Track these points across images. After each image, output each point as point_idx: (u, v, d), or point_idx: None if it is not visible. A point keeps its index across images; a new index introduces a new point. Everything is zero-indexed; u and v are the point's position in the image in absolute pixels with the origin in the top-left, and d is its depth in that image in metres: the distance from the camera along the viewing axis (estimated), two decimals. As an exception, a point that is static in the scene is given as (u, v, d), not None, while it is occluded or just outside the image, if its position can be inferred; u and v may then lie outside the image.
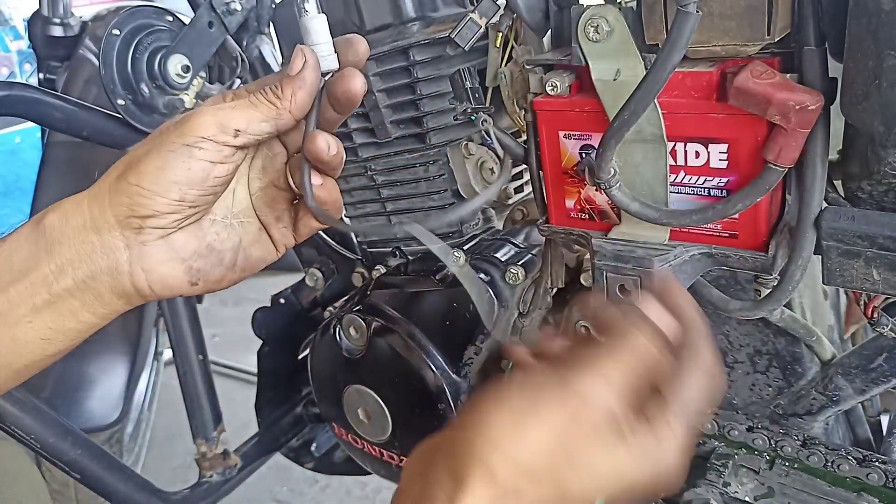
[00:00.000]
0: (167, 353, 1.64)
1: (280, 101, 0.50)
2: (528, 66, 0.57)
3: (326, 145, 0.51)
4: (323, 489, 1.96)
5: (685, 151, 0.52)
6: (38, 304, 0.50)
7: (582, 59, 0.51)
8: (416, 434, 0.83)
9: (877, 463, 0.58)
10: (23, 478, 0.84)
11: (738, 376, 0.67)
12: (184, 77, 0.96)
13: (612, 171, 0.52)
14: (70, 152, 1.32)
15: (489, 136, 0.62)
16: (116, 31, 0.93)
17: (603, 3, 0.50)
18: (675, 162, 0.52)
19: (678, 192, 0.53)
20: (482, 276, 0.82)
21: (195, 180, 0.50)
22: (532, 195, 0.75)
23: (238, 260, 0.56)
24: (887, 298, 0.55)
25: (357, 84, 0.51)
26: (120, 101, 0.94)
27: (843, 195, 0.52)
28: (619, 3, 0.49)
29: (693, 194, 0.53)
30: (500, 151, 0.63)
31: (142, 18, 0.96)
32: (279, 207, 0.57)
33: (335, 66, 0.51)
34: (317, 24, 0.50)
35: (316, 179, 0.53)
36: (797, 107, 0.44)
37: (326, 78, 0.51)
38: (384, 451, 0.88)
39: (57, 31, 1.31)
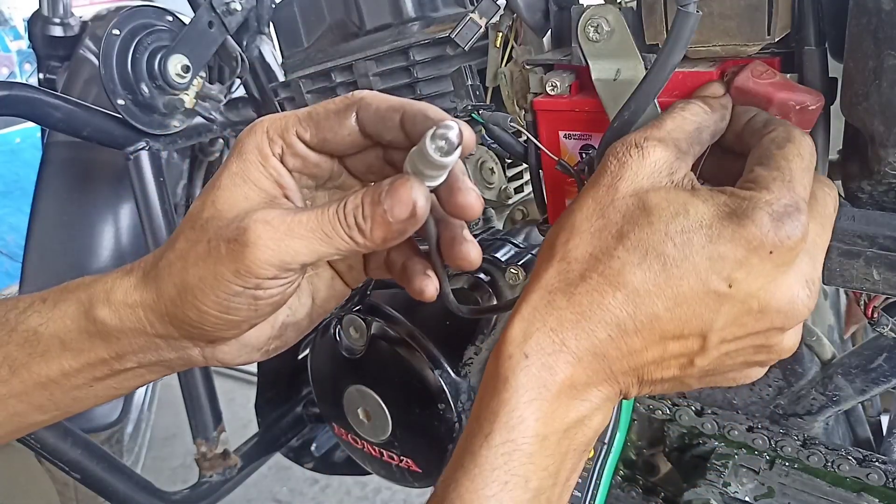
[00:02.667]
0: (167, 353, 1.64)
1: (366, 241, 0.40)
2: (528, 66, 0.57)
3: (479, 255, 0.44)
4: (323, 489, 1.96)
5: (685, 151, 0.51)
6: (98, 377, 0.48)
7: (582, 58, 0.51)
8: (415, 434, 0.83)
9: (877, 463, 0.58)
10: (34, 488, 0.84)
11: (738, 376, 0.67)
12: (184, 77, 0.96)
13: (612, 171, 0.52)
14: (70, 152, 1.32)
15: (523, 132, 0.60)
16: (116, 31, 0.93)
17: (603, 3, 0.50)
18: (675, 162, 0.52)
19: (678, 192, 0.53)
20: (482, 276, 0.82)
21: (264, 314, 0.45)
22: (532, 195, 0.75)
23: (314, 318, 0.51)
24: (887, 298, 0.55)
25: (473, 199, 0.42)
26: (120, 101, 0.94)
27: (843, 195, 0.52)
28: (619, 3, 0.49)
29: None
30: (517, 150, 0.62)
31: (142, 18, 0.96)
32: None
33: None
34: (455, 163, 0.39)
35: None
36: (798, 107, 0.44)
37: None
38: (384, 452, 0.88)
39: (57, 31, 1.31)
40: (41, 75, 1.36)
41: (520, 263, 0.81)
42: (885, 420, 0.75)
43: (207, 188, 0.44)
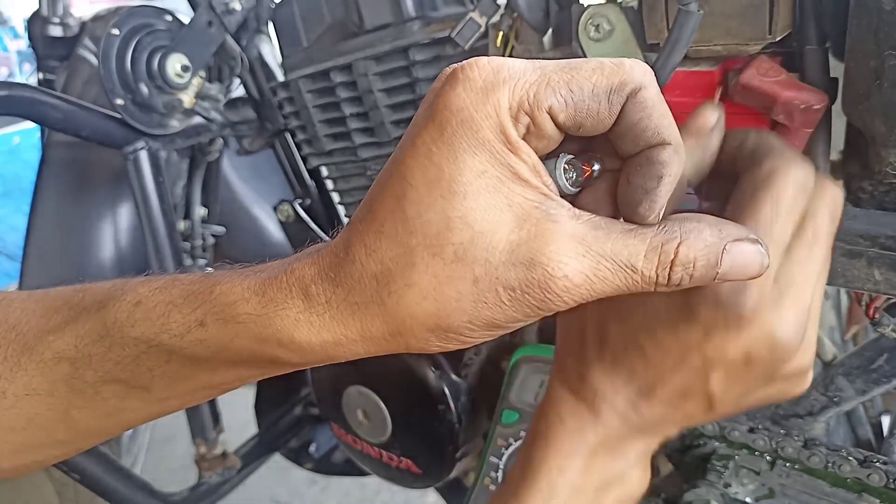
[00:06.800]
0: (166, 354, 1.64)
1: (658, 285, 0.33)
2: (528, 66, 0.57)
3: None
4: (322, 490, 1.96)
5: (686, 151, 0.51)
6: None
7: (583, 57, 0.51)
8: (415, 435, 0.83)
9: (878, 464, 0.58)
10: (35, 493, 0.84)
11: (739, 377, 0.67)
12: (183, 77, 0.96)
13: (613, 171, 0.52)
14: (69, 152, 1.31)
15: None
16: (116, 31, 0.93)
17: (604, 1, 0.50)
18: (676, 162, 0.52)
19: (679, 192, 0.53)
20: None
21: None
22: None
23: None
24: (889, 299, 0.55)
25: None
26: (119, 101, 0.94)
27: (844, 195, 0.51)
28: (620, 1, 0.49)
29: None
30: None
31: (141, 18, 0.96)
32: None
33: None
34: None
35: None
36: (802, 106, 0.44)
37: None
38: (383, 452, 0.88)
39: (56, 31, 1.31)
40: (40, 75, 1.36)
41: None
42: (885, 421, 0.74)
43: (438, 189, 0.31)
